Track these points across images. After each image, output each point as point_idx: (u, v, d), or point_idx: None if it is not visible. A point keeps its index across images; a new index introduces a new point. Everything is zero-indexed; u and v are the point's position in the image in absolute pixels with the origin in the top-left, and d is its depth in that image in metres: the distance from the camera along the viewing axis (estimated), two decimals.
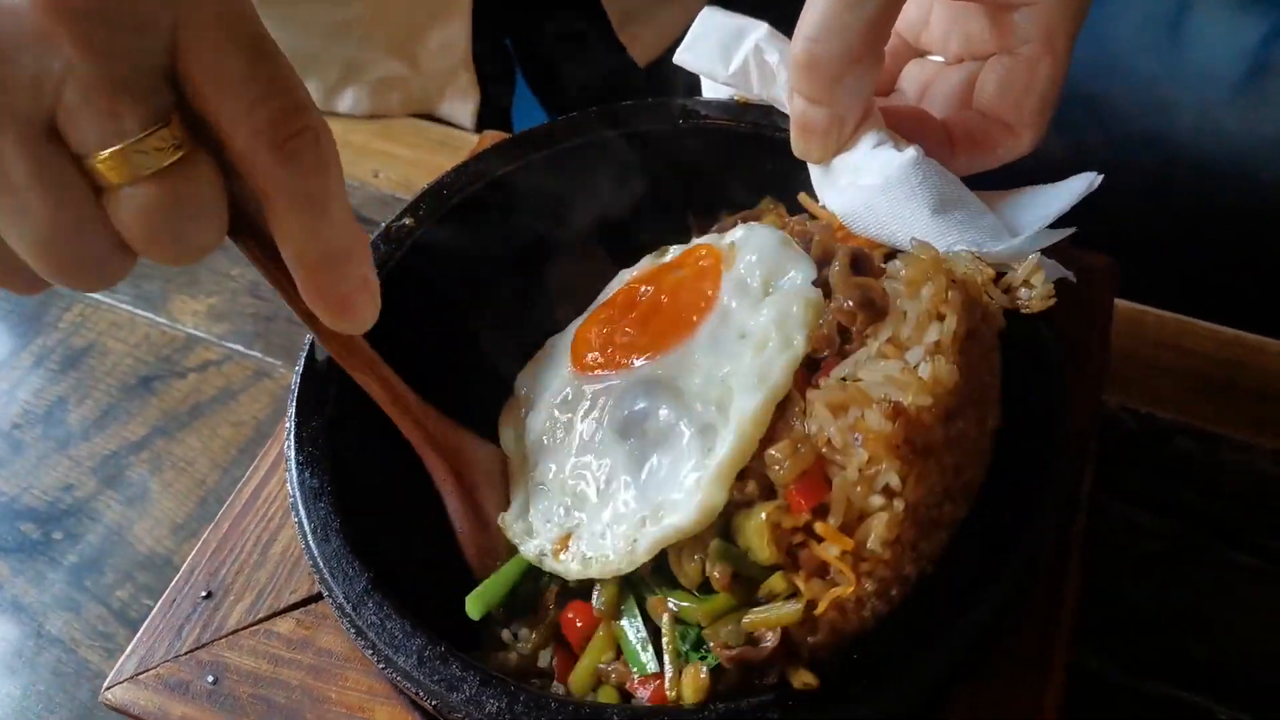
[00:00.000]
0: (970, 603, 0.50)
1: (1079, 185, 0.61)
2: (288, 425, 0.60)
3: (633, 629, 0.57)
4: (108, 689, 0.63)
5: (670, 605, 0.55)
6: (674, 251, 0.69)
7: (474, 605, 0.59)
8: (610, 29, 1.19)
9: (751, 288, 0.60)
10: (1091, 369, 0.71)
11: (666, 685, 0.53)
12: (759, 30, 0.66)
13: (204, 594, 0.65)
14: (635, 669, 0.55)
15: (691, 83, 0.75)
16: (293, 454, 0.58)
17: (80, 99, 0.40)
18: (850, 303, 0.56)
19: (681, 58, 0.68)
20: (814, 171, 0.65)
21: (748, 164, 0.70)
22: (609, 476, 0.59)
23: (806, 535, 0.53)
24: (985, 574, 0.50)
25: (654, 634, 0.56)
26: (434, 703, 0.50)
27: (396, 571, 0.59)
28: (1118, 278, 0.76)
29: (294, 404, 0.60)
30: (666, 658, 0.54)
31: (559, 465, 0.62)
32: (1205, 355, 0.87)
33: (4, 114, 0.39)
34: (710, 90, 0.73)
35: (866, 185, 0.61)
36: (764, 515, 0.53)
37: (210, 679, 0.62)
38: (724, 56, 0.67)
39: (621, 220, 0.71)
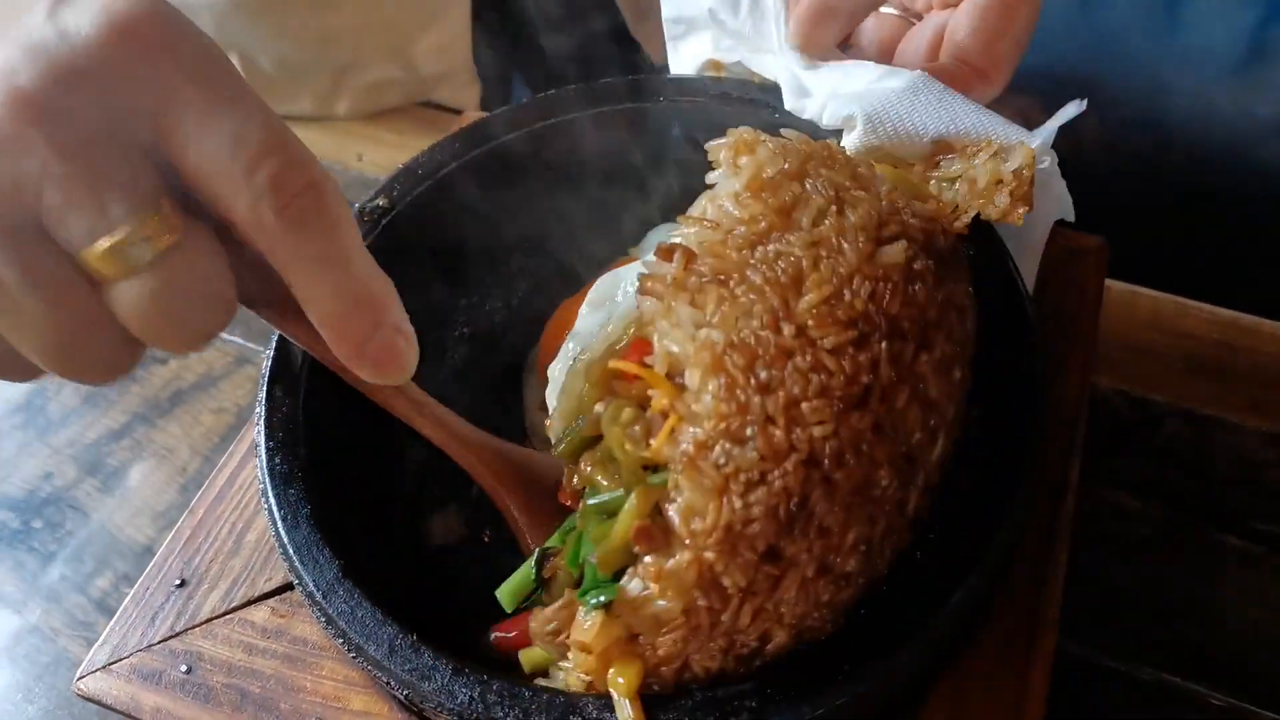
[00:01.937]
0: (950, 589, 0.48)
1: (1069, 110, 0.59)
2: (257, 409, 0.58)
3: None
4: (79, 679, 0.62)
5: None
6: None
7: (507, 598, 0.57)
8: (625, 29, 1.17)
9: None
10: (1081, 351, 0.69)
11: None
12: None
13: (178, 582, 0.64)
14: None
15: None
16: (263, 439, 0.57)
17: (61, 198, 0.38)
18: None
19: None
20: (789, 94, 0.64)
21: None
22: None
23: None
24: (966, 560, 0.49)
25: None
26: (405, 693, 0.49)
27: (370, 558, 0.58)
28: (1108, 259, 0.75)
29: (264, 388, 0.59)
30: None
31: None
32: (1200, 337, 0.86)
33: None
34: (676, 65, 0.71)
35: (889, 88, 0.59)
36: (627, 412, 0.48)
37: (184, 668, 0.61)
38: None
39: (600, 197, 0.70)
